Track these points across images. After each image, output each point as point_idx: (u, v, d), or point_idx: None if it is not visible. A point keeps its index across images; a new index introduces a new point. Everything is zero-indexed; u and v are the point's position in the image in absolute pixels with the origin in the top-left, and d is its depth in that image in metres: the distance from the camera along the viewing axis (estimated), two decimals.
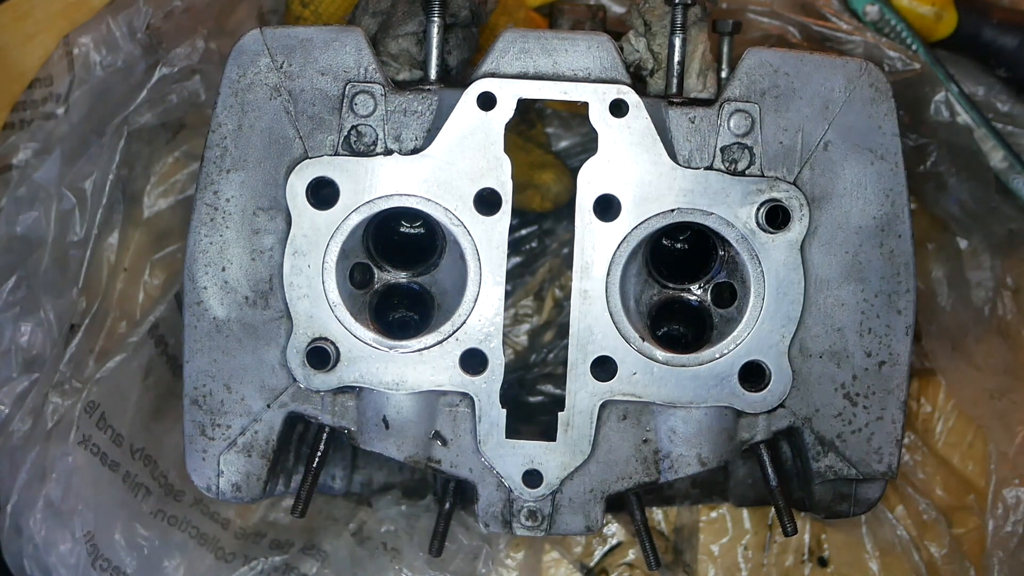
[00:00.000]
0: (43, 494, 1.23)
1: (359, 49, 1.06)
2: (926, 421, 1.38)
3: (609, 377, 1.06)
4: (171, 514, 1.28)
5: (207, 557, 1.28)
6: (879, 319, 1.07)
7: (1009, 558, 1.30)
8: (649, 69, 1.11)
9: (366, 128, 1.06)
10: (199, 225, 1.07)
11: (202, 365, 1.08)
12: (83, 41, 1.31)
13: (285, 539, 1.31)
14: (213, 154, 1.07)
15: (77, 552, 1.23)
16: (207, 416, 1.09)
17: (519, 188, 1.07)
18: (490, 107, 1.04)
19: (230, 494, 1.10)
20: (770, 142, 1.06)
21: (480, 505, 1.09)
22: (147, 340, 1.29)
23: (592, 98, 1.04)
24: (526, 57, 1.06)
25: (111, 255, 1.33)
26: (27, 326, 1.28)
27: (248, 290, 1.08)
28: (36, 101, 1.33)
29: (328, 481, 1.27)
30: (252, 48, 1.07)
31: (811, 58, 1.06)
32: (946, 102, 1.34)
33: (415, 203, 1.05)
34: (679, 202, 1.04)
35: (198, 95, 1.33)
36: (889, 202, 1.06)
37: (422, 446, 1.09)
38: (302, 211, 1.05)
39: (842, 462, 1.08)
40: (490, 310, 1.05)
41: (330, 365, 1.06)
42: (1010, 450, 1.33)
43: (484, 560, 1.30)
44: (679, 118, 1.06)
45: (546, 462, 1.07)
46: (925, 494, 1.36)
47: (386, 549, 1.31)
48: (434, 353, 1.06)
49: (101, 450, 1.25)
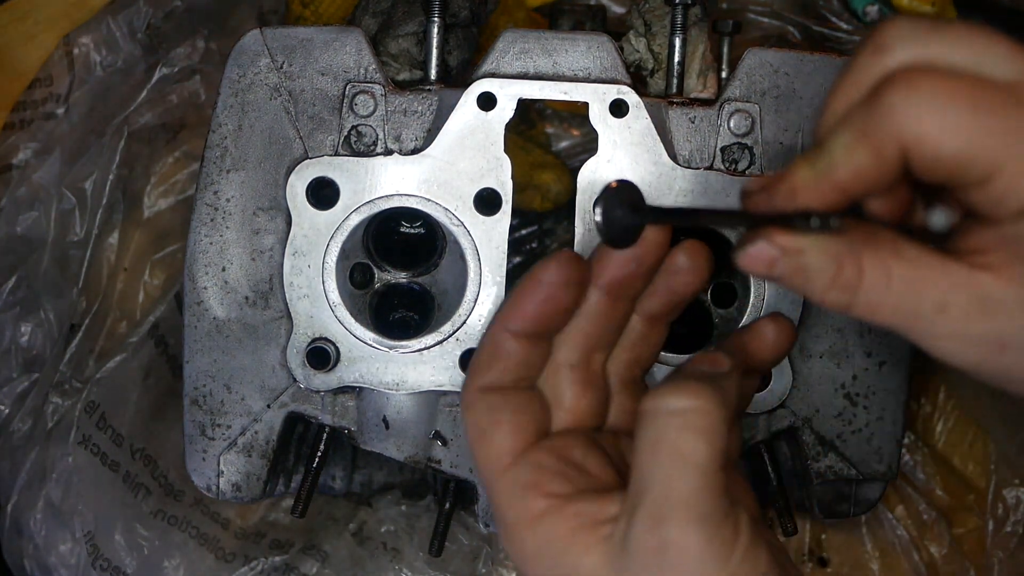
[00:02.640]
0: (43, 494, 1.23)
1: (359, 49, 1.06)
2: (926, 421, 1.38)
3: None
4: (171, 514, 1.28)
5: (207, 557, 1.28)
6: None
7: (1009, 558, 1.30)
8: (649, 69, 1.11)
9: (366, 128, 1.06)
10: (199, 225, 1.07)
11: (202, 365, 1.08)
12: (83, 41, 1.31)
13: (285, 539, 1.31)
14: (213, 154, 1.07)
15: (77, 552, 1.23)
16: (207, 416, 1.09)
17: (519, 188, 1.07)
18: (490, 107, 1.04)
19: (230, 494, 1.10)
20: (770, 142, 1.06)
21: (480, 505, 1.09)
22: (147, 340, 1.29)
23: (592, 98, 1.04)
24: (526, 57, 1.06)
25: (111, 255, 1.33)
26: (27, 326, 1.28)
27: (248, 290, 1.08)
28: (36, 101, 1.33)
29: (328, 481, 1.27)
30: (252, 48, 1.07)
31: (811, 58, 1.06)
32: None
33: (415, 203, 1.05)
34: (679, 202, 1.04)
35: (198, 95, 1.33)
36: None
37: (422, 446, 1.09)
38: (302, 211, 1.05)
39: (842, 462, 1.08)
40: (490, 310, 1.05)
41: (330, 365, 1.06)
42: (1010, 450, 1.33)
43: (484, 560, 1.30)
44: (679, 118, 1.06)
45: None
46: (925, 494, 1.36)
47: (386, 549, 1.31)
48: (434, 353, 1.06)
49: (101, 450, 1.25)
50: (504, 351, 0.76)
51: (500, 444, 0.74)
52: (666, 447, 0.65)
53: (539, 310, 0.75)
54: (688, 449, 0.64)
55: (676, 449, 0.64)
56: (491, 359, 0.76)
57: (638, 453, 0.67)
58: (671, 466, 0.64)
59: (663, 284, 0.81)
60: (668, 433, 0.65)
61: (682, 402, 0.65)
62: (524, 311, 0.75)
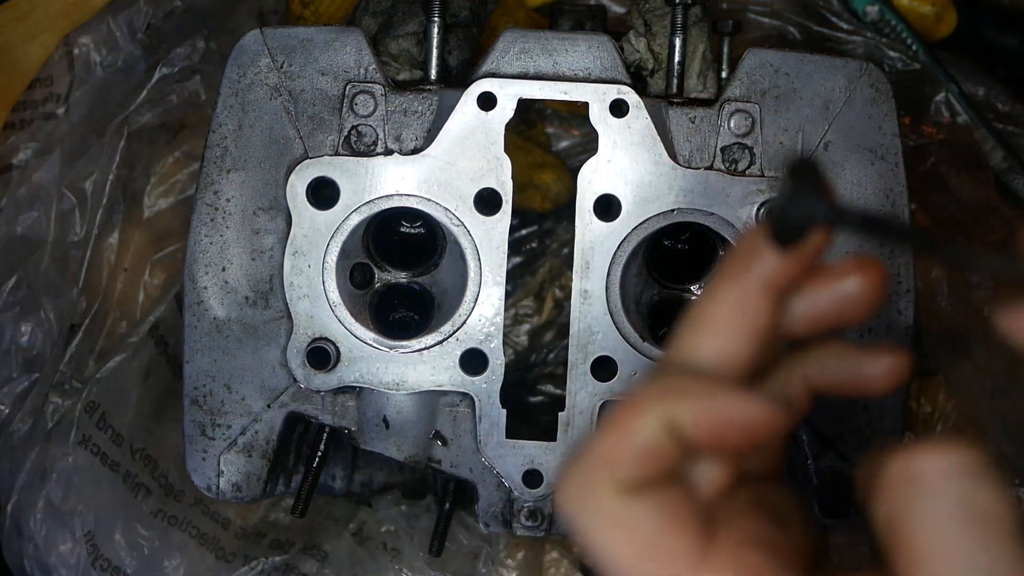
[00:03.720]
0: (43, 494, 1.23)
1: (359, 49, 1.06)
2: (926, 421, 1.38)
3: (609, 377, 1.06)
4: (171, 514, 1.28)
5: (207, 557, 1.28)
6: (879, 319, 1.07)
7: None
8: (649, 69, 1.11)
9: (366, 128, 1.06)
10: (199, 225, 1.07)
11: (202, 365, 1.08)
12: (83, 41, 1.31)
13: (285, 539, 1.31)
14: (213, 154, 1.07)
15: (77, 552, 1.23)
16: (207, 416, 1.09)
17: (519, 188, 1.07)
18: (490, 107, 1.04)
19: (230, 494, 1.10)
20: (770, 142, 1.06)
21: (480, 505, 1.09)
22: (147, 340, 1.28)
23: (592, 98, 1.04)
24: (526, 57, 1.06)
25: (111, 255, 1.33)
26: (27, 326, 1.28)
27: (248, 290, 1.08)
28: (36, 101, 1.33)
29: (328, 481, 1.27)
30: (252, 48, 1.07)
31: (811, 58, 1.06)
32: (946, 102, 1.34)
33: (415, 203, 1.05)
34: (679, 202, 1.04)
35: (198, 95, 1.33)
36: (889, 202, 1.06)
37: (422, 446, 1.09)
38: (302, 211, 1.05)
39: (842, 462, 1.08)
40: (490, 310, 1.05)
41: (330, 365, 1.06)
42: (1010, 450, 1.33)
43: (484, 560, 1.30)
44: (679, 118, 1.06)
45: (546, 462, 1.07)
46: None
47: (386, 549, 1.30)
48: (434, 353, 1.06)
49: (101, 450, 1.25)
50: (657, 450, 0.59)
51: (682, 548, 0.57)
52: (970, 514, 0.51)
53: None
54: (995, 512, 0.51)
55: (981, 515, 0.51)
56: (638, 455, 0.58)
57: (916, 531, 0.52)
58: (979, 538, 0.51)
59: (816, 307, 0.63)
60: (964, 498, 0.51)
61: (958, 458, 0.52)
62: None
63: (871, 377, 0.64)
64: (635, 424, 0.58)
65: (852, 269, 0.61)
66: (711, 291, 0.61)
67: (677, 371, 0.60)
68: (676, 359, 0.61)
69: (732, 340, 0.60)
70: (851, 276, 0.61)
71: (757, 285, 0.59)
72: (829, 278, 0.61)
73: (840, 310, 0.61)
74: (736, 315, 0.60)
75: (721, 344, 0.60)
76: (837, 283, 0.61)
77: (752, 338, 0.60)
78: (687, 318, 0.61)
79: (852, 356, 0.64)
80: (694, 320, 0.61)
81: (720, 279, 0.61)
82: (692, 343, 0.60)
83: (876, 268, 0.61)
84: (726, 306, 0.60)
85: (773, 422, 0.58)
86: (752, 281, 0.59)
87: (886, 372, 0.63)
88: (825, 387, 0.65)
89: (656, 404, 0.57)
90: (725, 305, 0.60)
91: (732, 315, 0.60)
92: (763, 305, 0.60)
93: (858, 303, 0.61)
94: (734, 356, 0.60)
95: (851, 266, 0.61)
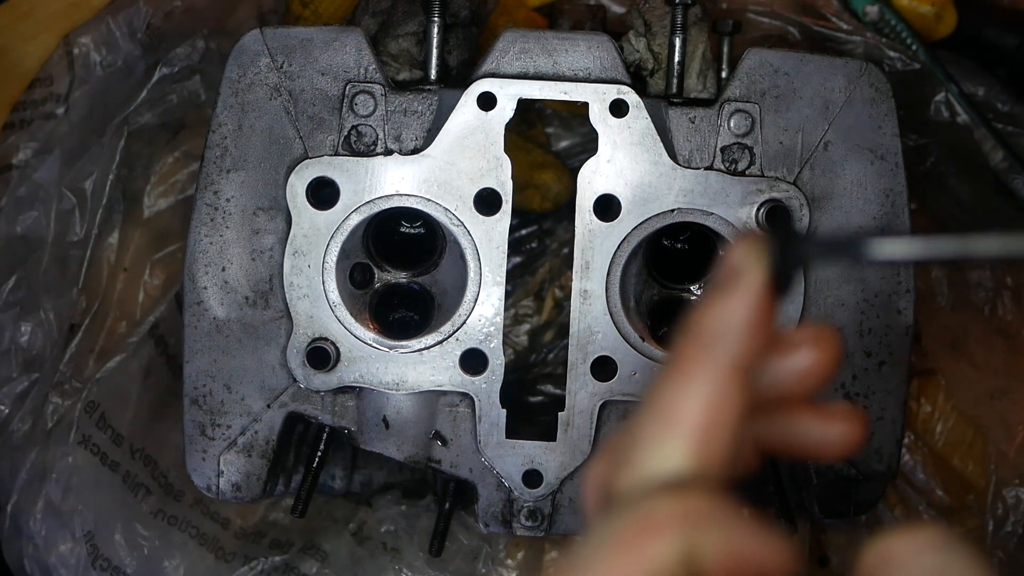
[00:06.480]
0: (43, 494, 1.23)
1: (359, 49, 1.06)
2: (926, 421, 1.38)
3: (609, 377, 1.06)
4: (171, 514, 1.28)
5: (207, 557, 1.28)
6: (879, 319, 1.07)
7: (1009, 558, 1.30)
8: (649, 69, 1.11)
9: (366, 128, 1.06)
10: (199, 225, 1.07)
11: (202, 365, 1.08)
12: (83, 41, 1.31)
13: (285, 539, 1.31)
14: (213, 154, 1.07)
15: (77, 552, 1.23)
16: (207, 416, 1.09)
17: (519, 188, 1.07)
18: (490, 107, 1.04)
19: (230, 494, 1.10)
20: (770, 142, 1.06)
21: (480, 505, 1.09)
22: (147, 340, 1.28)
23: (592, 98, 1.04)
24: (526, 57, 1.06)
25: (111, 255, 1.33)
26: (27, 326, 1.27)
27: (248, 290, 1.08)
28: (36, 101, 1.33)
29: (328, 481, 1.27)
30: (252, 48, 1.07)
31: (811, 58, 1.06)
32: (946, 102, 1.34)
33: (415, 203, 1.05)
34: (679, 202, 1.04)
35: (198, 95, 1.33)
36: (889, 202, 1.06)
37: (422, 446, 1.09)
38: (302, 211, 1.05)
39: (842, 462, 1.08)
40: (490, 310, 1.05)
41: (330, 365, 1.06)
42: (1010, 450, 1.33)
43: (484, 560, 1.30)
44: (679, 118, 1.06)
45: (546, 462, 1.07)
46: (925, 494, 1.36)
47: (386, 549, 1.30)
48: (434, 353, 1.06)
49: (101, 450, 1.25)
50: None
51: None
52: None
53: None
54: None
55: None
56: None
57: None
58: None
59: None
60: (937, 569, 0.52)
61: (931, 535, 0.53)
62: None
63: (821, 445, 0.62)
64: (650, 549, 0.50)
65: (807, 340, 0.60)
66: (678, 382, 0.55)
67: (690, 489, 0.53)
68: (653, 464, 0.54)
69: (714, 441, 0.54)
70: (804, 348, 0.60)
71: (728, 369, 0.55)
72: (786, 349, 0.60)
73: (796, 381, 0.60)
74: (714, 410, 0.54)
75: (705, 447, 0.54)
76: (792, 354, 0.60)
77: (733, 432, 0.55)
78: (654, 415, 0.55)
79: (803, 422, 0.62)
80: (667, 420, 0.55)
81: (687, 364, 0.55)
82: (671, 446, 0.54)
83: (830, 339, 0.60)
84: (702, 400, 0.54)
85: (791, 565, 0.53)
86: (723, 367, 0.55)
87: (837, 440, 0.62)
88: (774, 451, 0.63)
89: (677, 530, 0.51)
90: (700, 399, 0.54)
91: (709, 411, 0.54)
92: (737, 392, 0.55)
93: (811, 373, 0.60)
94: (719, 457, 0.54)
95: (807, 336, 0.60)
